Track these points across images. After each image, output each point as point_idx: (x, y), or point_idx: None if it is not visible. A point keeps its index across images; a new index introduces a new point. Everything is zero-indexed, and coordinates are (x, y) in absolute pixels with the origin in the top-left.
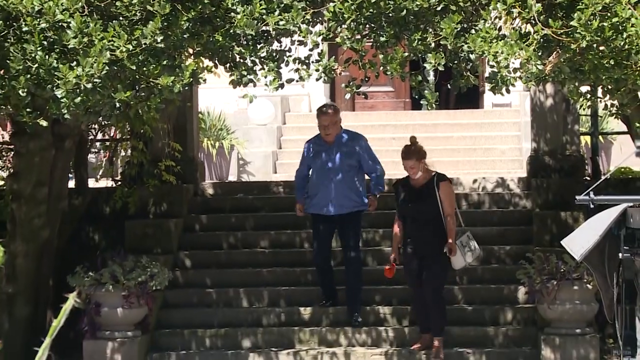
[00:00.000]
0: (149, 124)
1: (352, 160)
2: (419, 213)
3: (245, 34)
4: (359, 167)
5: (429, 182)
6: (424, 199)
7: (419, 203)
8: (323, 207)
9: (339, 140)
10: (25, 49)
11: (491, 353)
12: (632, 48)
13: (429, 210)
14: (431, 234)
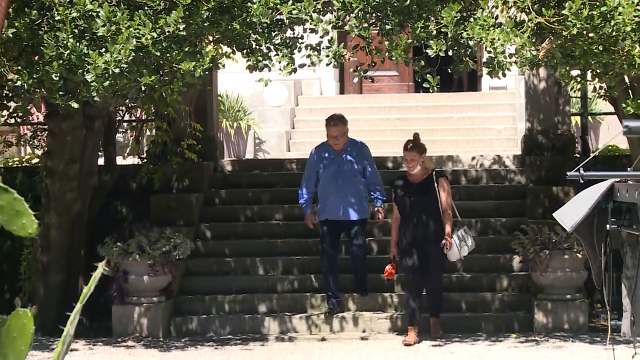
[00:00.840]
0: (172, 106)
1: (359, 167)
2: (418, 207)
3: (260, 23)
4: (364, 174)
5: (427, 178)
6: (423, 194)
7: (418, 198)
8: (333, 213)
9: (346, 149)
10: (57, 37)
11: (488, 317)
12: (619, 35)
13: (428, 204)
14: (430, 227)
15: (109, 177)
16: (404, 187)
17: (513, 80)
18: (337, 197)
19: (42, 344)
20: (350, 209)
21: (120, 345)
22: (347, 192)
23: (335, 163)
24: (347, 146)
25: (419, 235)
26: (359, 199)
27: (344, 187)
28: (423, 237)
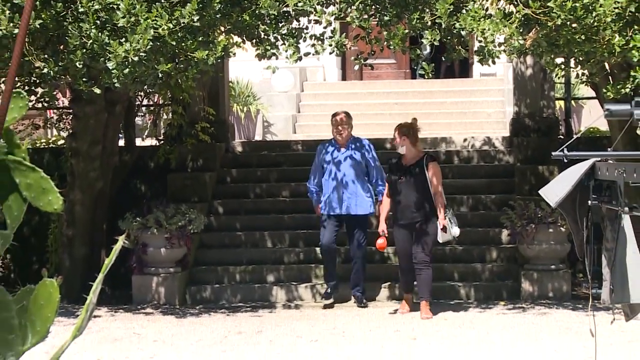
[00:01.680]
0: (187, 92)
1: (362, 164)
2: (409, 188)
3: (268, 14)
4: (367, 171)
5: (419, 161)
6: (415, 176)
7: (410, 179)
8: (334, 207)
9: (350, 145)
10: (81, 28)
11: (478, 286)
12: (600, 25)
13: (419, 185)
14: (420, 207)
15: (129, 157)
16: (397, 168)
17: (502, 67)
18: (339, 192)
19: (68, 311)
20: (352, 204)
21: (140, 312)
22: (349, 188)
23: (339, 158)
24: (351, 142)
25: (409, 215)
26: (361, 195)
27: (346, 182)
28: (412, 217)
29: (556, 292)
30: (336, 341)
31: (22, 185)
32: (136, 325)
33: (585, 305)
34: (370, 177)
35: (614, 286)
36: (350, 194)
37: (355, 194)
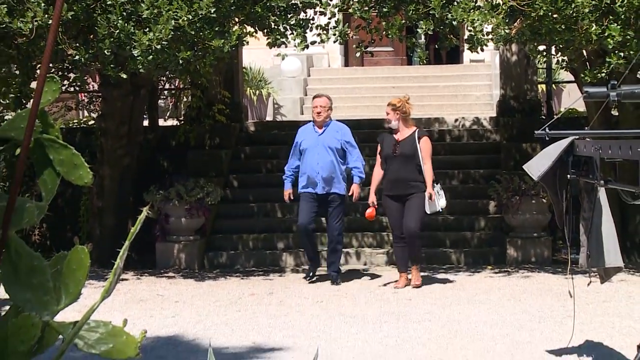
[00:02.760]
0: (205, 77)
1: (339, 147)
2: (400, 162)
3: (278, 6)
4: (343, 153)
5: (411, 136)
6: (407, 149)
7: (401, 153)
8: (311, 187)
9: (328, 128)
10: (109, 19)
11: (468, 252)
12: (578, 16)
13: (410, 159)
14: (410, 179)
15: (153, 136)
16: (389, 142)
17: (489, 54)
18: (316, 172)
19: (98, 275)
20: (328, 184)
21: (163, 275)
22: (325, 169)
23: (316, 141)
24: (329, 126)
25: (400, 188)
26: (337, 176)
27: (323, 163)
28: (403, 190)
29: (538, 257)
30: (339, 302)
31: (56, 161)
32: (159, 287)
33: (564, 269)
34: (347, 160)
35: (590, 252)
36: (327, 175)
37: (331, 175)
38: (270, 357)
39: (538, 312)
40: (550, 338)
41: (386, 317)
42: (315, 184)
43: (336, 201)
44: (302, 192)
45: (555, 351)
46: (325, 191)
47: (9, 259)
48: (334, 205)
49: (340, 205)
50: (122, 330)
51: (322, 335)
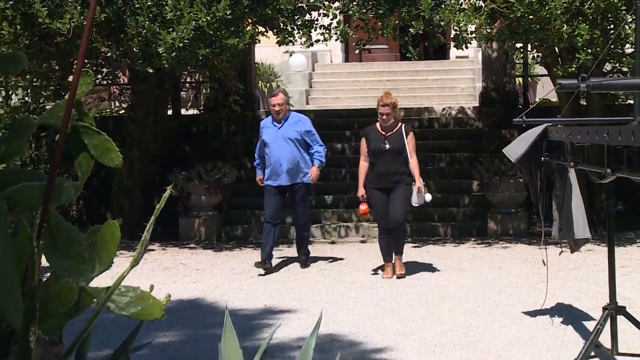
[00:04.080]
0: (221, 71)
1: (298, 137)
2: (388, 155)
3: (286, 9)
4: (304, 143)
5: (398, 130)
6: (394, 143)
7: (389, 147)
8: (275, 179)
9: (288, 120)
10: (137, 20)
11: (454, 225)
12: (551, 17)
13: (397, 153)
14: (398, 172)
15: (176, 123)
16: (376, 136)
17: (473, 51)
18: (279, 164)
19: (127, 246)
20: (291, 175)
21: (185, 247)
22: (288, 160)
23: (277, 133)
24: (288, 118)
25: (387, 180)
26: (299, 166)
27: (285, 155)
28: (390, 182)
29: (515, 230)
30: (340, 269)
31: (90, 146)
32: (182, 257)
33: (538, 241)
34: (310, 148)
35: (561, 225)
36: (289, 166)
37: (294, 166)
38: (279, 318)
39: (515, 278)
40: (526, 301)
41: (381, 283)
42: (278, 176)
43: (301, 190)
44: (266, 184)
45: (530, 312)
46: (289, 182)
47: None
48: (299, 194)
49: (304, 194)
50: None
51: (325, 299)
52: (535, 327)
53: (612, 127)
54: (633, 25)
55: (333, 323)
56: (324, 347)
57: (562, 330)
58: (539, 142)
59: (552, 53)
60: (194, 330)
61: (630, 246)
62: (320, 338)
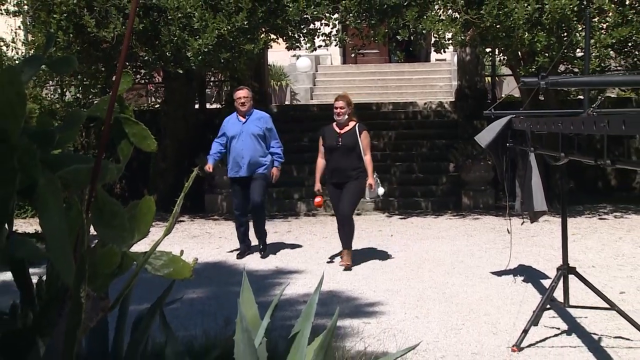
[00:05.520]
0: (240, 72)
1: (261, 133)
2: (342, 152)
3: (294, 20)
4: (264, 137)
5: (352, 129)
6: (349, 141)
7: (343, 144)
8: (237, 171)
9: (252, 117)
10: (170, 29)
11: (434, 201)
12: (515, 26)
13: (350, 150)
14: (350, 168)
15: (202, 116)
16: (331, 135)
17: (450, 55)
18: (241, 157)
19: (162, 218)
20: (251, 167)
21: (210, 218)
22: (249, 153)
23: (240, 128)
24: (252, 115)
25: (340, 175)
26: (259, 159)
27: (247, 148)
28: (343, 177)
29: (484, 204)
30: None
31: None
32: (207, 227)
33: (504, 213)
34: (268, 145)
35: (523, 200)
36: (250, 159)
37: (255, 159)
38: (289, 277)
39: (484, 244)
40: (493, 263)
41: (373, 249)
42: (240, 168)
43: (259, 178)
44: (230, 176)
45: (496, 272)
46: (249, 174)
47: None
48: (257, 181)
49: (262, 181)
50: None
51: (327, 262)
52: (500, 285)
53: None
54: (583, 33)
55: (333, 282)
56: (325, 302)
57: (523, 287)
58: (505, 130)
59: (515, 56)
60: (217, 288)
61: (580, 217)
62: (322, 294)
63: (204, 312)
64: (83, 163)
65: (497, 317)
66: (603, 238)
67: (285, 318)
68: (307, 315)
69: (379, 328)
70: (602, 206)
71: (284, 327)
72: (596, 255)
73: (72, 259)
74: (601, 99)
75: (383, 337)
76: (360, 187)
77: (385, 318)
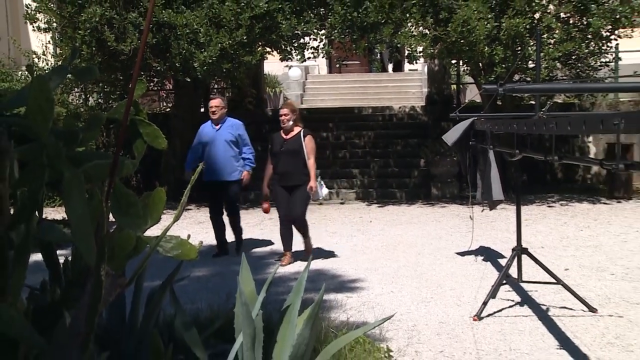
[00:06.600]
0: (240, 80)
1: (234, 140)
2: (288, 157)
3: (287, 35)
4: (237, 143)
5: (297, 134)
6: (293, 146)
7: (289, 150)
8: (211, 175)
9: (224, 124)
10: (179, 43)
11: (407, 191)
12: (477, 41)
13: (296, 155)
14: (296, 172)
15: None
16: (278, 141)
17: (421, 65)
18: (214, 162)
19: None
20: (224, 172)
21: None
22: (221, 159)
23: (214, 135)
24: (224, 122)
25: (286, 179)
26: (232, 164)
27: (219, 154)
28: (289, 181)
29: (450, 194)
30: (325, 223)
31: (144, 134)
32: None
33: (467, 202)
34: (240, 151)
35: (483, 190)
36: (223, 164)
37: (226, 164)
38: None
39: (450, 229)
40: (458, 245)
41: (354, 233)
42: (214, 172)
43: (233, 186)
44: (205, 180)
45: (460, 253)
46: (223, 178)
47: (115, 197)
48: (230, 188)
49: (235, 189)
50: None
51: (314, 244)
52: (464, 264)
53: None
54: (534, 47)
55: (320, 262)
56: (313, 279)
57: (483, 265)
58: (468, 131)
59: (477, 67)
60: (220, 267)
61: (531, 205)
62: (311, 272)
63: (208, 289)
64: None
65: (461, 291)
66: (551, 223)
67: (278, 293)
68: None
69: (359, 301)
70: (550, 196)
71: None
72: (545, 237)
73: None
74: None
75: (363, 309)
76: (307, 191)
77: (365, 292)
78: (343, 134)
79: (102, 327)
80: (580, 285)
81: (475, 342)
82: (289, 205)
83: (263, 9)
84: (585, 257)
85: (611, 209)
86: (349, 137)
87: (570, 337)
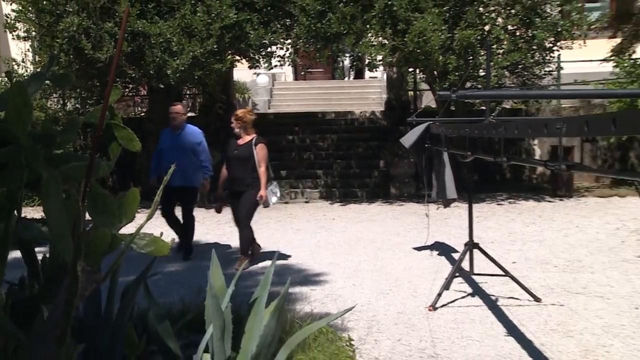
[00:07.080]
0: (210, 87)
1: (192, 146)
2: (239, 164)
3: (255, 44)
4: (195, 151)
5: (249, 142)
6: (243, 153)
7: (240, 156)
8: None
9: (184, 131)
10: (153, 51)
11: (368, 191)
12: (432, 51)
13: (247, 162)
14: (244, 178)
15: None
16: (232, 146)
17: (380, 73)
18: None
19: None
20: (182, 177)
21: None
22: (180, 165)
23: (173, 141)
24: (184, 129)
25: (237, 185)
26: (190, 170)
27: (178, 160)
28: (239, 186)
29: (408, 193)
30: (290, 220)
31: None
32: None
33: (423, 200)
34: (198, 158)
35: (438, 189)
36: (181, 170)
37: (184, 170)
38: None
39: (408, 225)
40: (415, 240)
41: (318, 230)
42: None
43: (189, 192)
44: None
45: (417, 248)
46: (180, 184)
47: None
48: (187, 194)
49: (192, 194)
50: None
51: (281, 241)
52: (420, 258)
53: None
54: (484, 57)
55: (286, 257)
56: (279, 273)
57: (438, 259)
58: (424, 134)
59: (432, 75)
60: (191, 262)
61: (482, 203)
62: (277, 267)
63: (180, 283)
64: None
65: (417, 284)
66: (500, 219)
67: (247, 287)
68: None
69: (322, 294)
70: (499, 194)
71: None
72: (494, 233)
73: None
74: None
75: (326, 301)
76: (255, 196)
77: (328, 285)
78: (308, 137)
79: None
80: (526, 277)
81: (431, 331)
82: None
83: (233, 20)
84: (531, 250)
85: (554, 206)
86: (314, 140)
87: (517, 325)
